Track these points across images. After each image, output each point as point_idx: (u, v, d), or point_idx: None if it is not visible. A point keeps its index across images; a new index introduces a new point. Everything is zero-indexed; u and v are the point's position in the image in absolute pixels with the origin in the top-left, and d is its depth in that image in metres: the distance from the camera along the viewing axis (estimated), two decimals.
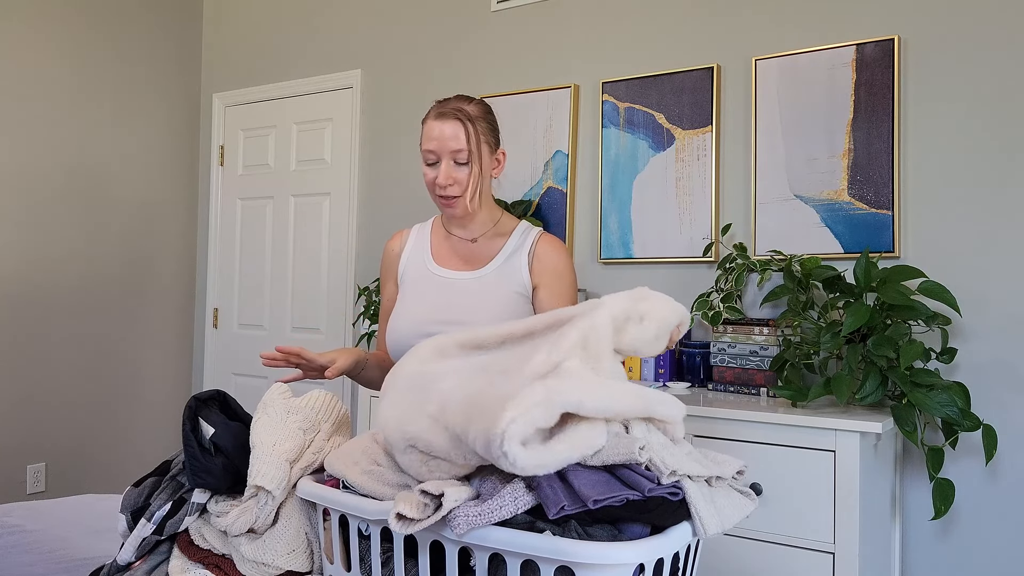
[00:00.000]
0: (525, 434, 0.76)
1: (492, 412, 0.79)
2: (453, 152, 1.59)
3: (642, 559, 0.80)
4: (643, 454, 0.84)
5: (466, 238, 1.71)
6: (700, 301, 2.45)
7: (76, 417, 3.58)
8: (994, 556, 2.24)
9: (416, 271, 1.71)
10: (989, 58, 2.31)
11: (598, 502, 0.79)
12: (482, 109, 1.65)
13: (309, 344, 3.66)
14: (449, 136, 1.59)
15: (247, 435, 1.18)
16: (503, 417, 0.76)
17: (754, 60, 2.63)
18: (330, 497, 0.99)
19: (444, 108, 1.62)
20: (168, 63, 3.97)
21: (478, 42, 3.27)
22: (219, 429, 1.16)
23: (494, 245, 1.68)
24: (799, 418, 2.00)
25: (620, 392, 0.84)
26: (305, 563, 1.10)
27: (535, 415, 0.77)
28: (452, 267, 1.68)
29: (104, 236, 3.68)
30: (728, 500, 0.93)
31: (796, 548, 2.00)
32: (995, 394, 2.25)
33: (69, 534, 1.82)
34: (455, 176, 1.60)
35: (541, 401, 0.77)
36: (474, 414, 0.83)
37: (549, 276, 1.65)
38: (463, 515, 0.81)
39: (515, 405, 0.77)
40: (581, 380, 0.83)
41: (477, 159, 1.60)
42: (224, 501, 1.15)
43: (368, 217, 3.52)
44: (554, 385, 0.80)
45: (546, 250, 1.66)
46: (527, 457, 0.76)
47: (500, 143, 1.69)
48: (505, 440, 0.75)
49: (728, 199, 2.69)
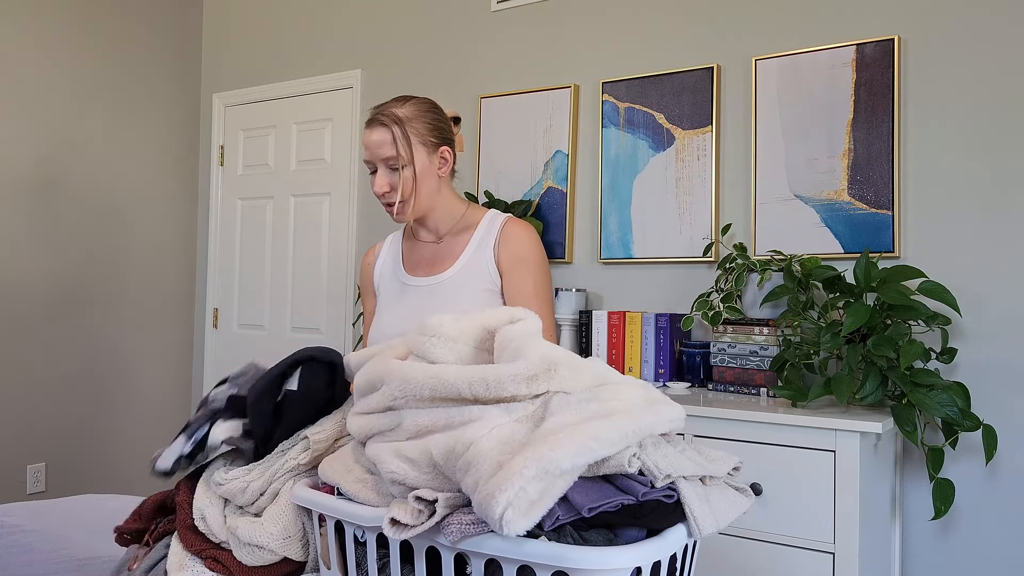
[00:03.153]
0: (522, 510, 0.76)
1: (481, 479, 0.78)
2: (385, 159, 1.56)
3: (638, 563, 0.80)
4: (634, 462, 0.84)
5: (431, 240, 1.68)
6: (700, 301, 2.45)
7: (76, 417, 3.58)
8: (994, 556, 2.24)
9: (389, 282, 1.69)
10: (989, 58, 2.30)
11: (593, 510, 0.79)
12: (418, 108, 1.59)
13: (309, 344, 3.66)
14: (377, 143, 1.55)
15: (319, 405, 1.18)
16: (498, 501, 0.75)
17: (754, 60, 2.63)
18: (325, 503, 0.99)
19: (374, 114, 1.58)
20: (168, 63, 3.97)
21: (478, 42, 3.26)
22: (301, 389, 1.14)
23: (460, 241, 1.63)
24: (799, 418, 2.00)
25: (614, 433, 0.82)
26: (300, 552, 1.10)
27: (529, 493, 0.76)
28: (421, 273, 1.65)
29: (104, 236, 3.69)
30: (723, 498, 0.92)
31: (796, 548, 2.00)
32: (995, 394, 2.25)
33: (69, 534, 1.82)
34: (391, 182, 1.56)
35: (534, 476, 0.76)
36: (460, 465, 0.82)
37: (510, 262, 1.57)
38: (456, 523, 0.81)
39: (506, 486, 0.75)
40: (570, 437, 0.80)
41: (410, 162, 1.56)
42: (236, 469, 1.16)
43: (368, 217, 3.52)
44: (545, 454, 0.77)
45: (510, 234, 1.59)
46: (528, 525, 0.76)
47: (446, 140, 1.62)
48: (505, 525, 0.75)
49: (728, 199, 2.68)
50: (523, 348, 0.90)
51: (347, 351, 3.52)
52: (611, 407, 0.87)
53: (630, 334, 2.62)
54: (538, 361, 0.88)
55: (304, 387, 1.15)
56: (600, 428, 0.82)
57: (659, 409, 0.88)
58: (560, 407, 0.86)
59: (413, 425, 0.92)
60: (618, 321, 2.64)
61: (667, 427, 0.89)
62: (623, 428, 0.83)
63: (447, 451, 0.84)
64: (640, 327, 2.60)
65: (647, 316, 2.60)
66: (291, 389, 1.15)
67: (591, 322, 2.70)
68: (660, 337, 2.58)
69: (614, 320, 2.65)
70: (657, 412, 0.88)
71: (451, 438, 0.85)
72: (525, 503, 0.75)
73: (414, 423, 0.92)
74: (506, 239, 1.59)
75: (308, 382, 1.15)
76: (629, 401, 0.88)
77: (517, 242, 1.59)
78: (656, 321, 2.58)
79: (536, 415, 0.87)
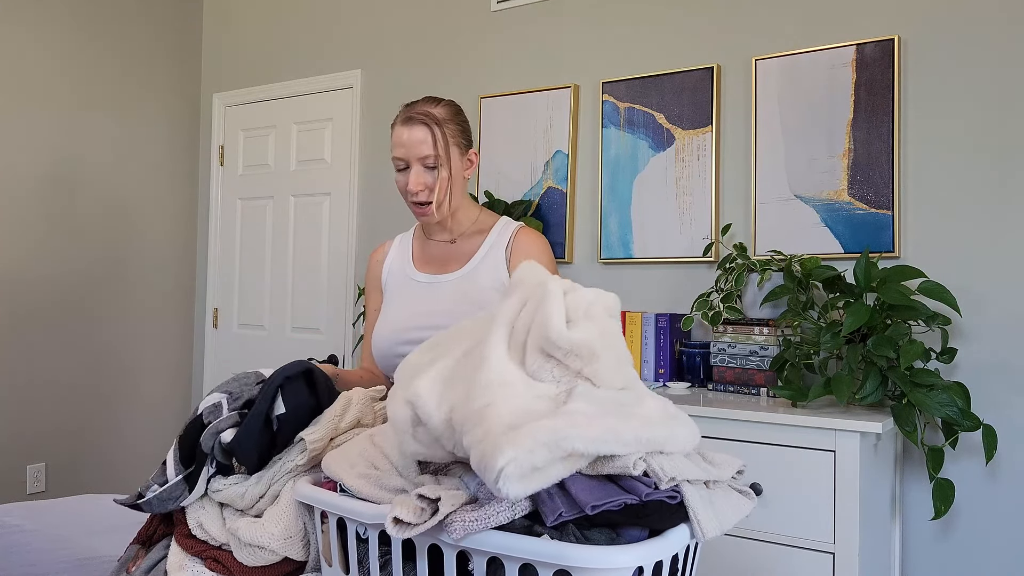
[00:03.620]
0: (522, 473, 0.75)
1: (491, 432, 0.78)
2: (421, 158, 1.57)
3: (640, 562, 0.80)
4: (639, 464, 0.84)
5: (445, 240, 1.70)
6: (700, 301, 2.45)
7: (76, 417, 3.58)
8: (994, 556, 2.24)
9: (398, 279, 1.71)
10: (989, 58, 2.30)
11: (596, 508, 0.79)
12: (451, 111, 1.62)
13: (309, 344, 3.66)
14: (417, 141, 1.56)
15: (309, 417, 1.18)
16: (504, 453, 0.75)
17: (754, 60, 2.63)
18: (327, 500, 0.99)
19: (411, 113, 1.59)
20: (168, 63, 3.97)
21: (478, 42, 3.26)
22: (289, 413, 1.14)
23: (473, 243, 1.67)
24: (799, 418, 2.00)
25: (629, 435, 0.82)
26: (301, 552, 1.10)
27: (536, 457, 0.76)
28: (432, 271, 1.67)
29: (104, 236, 3.68)
30: (727, 501, 0.92)
31: (796, 548, 2.00)
32: (995, 394, 2.25)
33: (69, 534, 1.82)
34: (425, 182, 1.58)
35: (545, 443, 0.76)
36: (469, 415, 0.82)
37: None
38: (459, 520, 0.80)
39: (517, 442, 0.75)
40: (589, 423, 0.80)
41: (446, 163, 1.58)
42: (233, 476, 1.16)
43: (368, 217, 3.52)
44: (562, 428, 0.77)
45: (523, 242, 1.64)
46: (521, 490, 0.76)
47: (472, 143, 1.67)
48: (501, 478, 0.74)
49: (728, 199, 2.69)
50: (582, 323, 0.91)
51: (347, 351, 3.52)
52: (630, 411, 0.87)
53: (630, 334, 2.62)
54: (587, 341, 0.88)
55: (292, 409, 1.16)
56: (618, 426, 0.82)
57: (674, 426, 0.89)
58: (583, 396, 0.86)
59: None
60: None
61: (680, 448, 0.89)
62: (638, 433, 0.83)
63: (465, 395, 0.84)
64: (640, 327, 2.60)
65: (647, 316, 2.60)
66: (280, 414, 1.15)
67: None
68: (660, 337, 2.58)
69: None
70: (672, 429, 0.88)
71: (474, 384, 0.85)
72: (528, 466, 0.75)
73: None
74: (519, 246, 1.64)
75: (294, 403, 1.16)
76: (649, 412, 0.88)
77: (527, 248, 1.63)
78: (656, 321, 2.58)
79: (559, 399, 0.87)
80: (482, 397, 0.83)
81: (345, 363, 3.51)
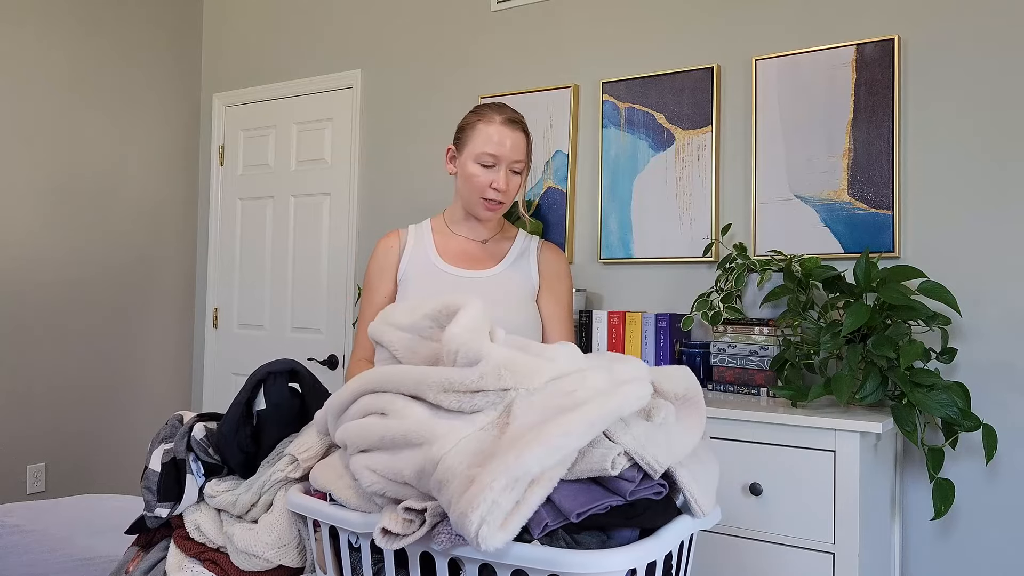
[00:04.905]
0: (497, 524, 0.75)
1: (455, 492, 0.77)
2: (514, 162, 1.66)
3: (632, 564, 0.80)
4: (618, 462, 0.83)
5: (475, 239, 1.77)
6: (700, 301, 2.45)
7: (76, 417, 3.58)
8: (994, 556, 2.23)
9: (420, 268, 1.73)
10: (989, 58, 2.29)
11: (581, 514, 0.79)
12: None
13: (309, 344, 3.66)
14: (516, 146, 1.66)
15: (292, 417, 1.18)
16: (471, 520, 0.74)
17: (754, 60, 2.62)
18: (318, 509, 0.99)
19: (513, 116, 1.69)
20: (168, 63, 3.97)
21: (478, 42, 3.26)
22: (270, 408, 1.15)
23: (502, 247, 1.78)
24: (799, 418, 1.99)
25: (581, 425, 0.81)
26: (296, 559, 1.10)
27: (503, 504, 0.75)
28: (463, 265, 1.73)
29: (104, 236, 3.69)
30: (697, 462, 0.94)
31: (796, 548, 2.00)
32: (995, 394, 2.25)
33: (69, 534, 1.82)
34: (511, 184, 1.68)
35: (505, 486, 0.75)
36: (432, 485, 0.82)
37: (552, 279, 1.78)
38: (446, 532, 0.80)
39: (476, 503, 0.74)
40: (538, 437, 0.78)
41: (527, 172, 1.71)
42: (227, 481, 1.16)
43: (368, 217, 3.52)
44: (512, 461, 0.76)
45: (549, 256, 1.80)
46: (506, 538, 0.75)
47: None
48: (481, 541, 0.74)
49: (728, 199, 2.68)
50: (472, 351, 0.89)
51: (347, 351, 3.53)
52: (577, 398, 0.85)
53: (630, 334, 2.62)
54: (490, 368, 0.87)
55: (272, 404, 1.16)
56: (567, 422, 0.80)
57: (625, 391, 0.87)
58: (523, 409, 0.84)
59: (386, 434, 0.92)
60: (618, 321, 2.64)
61: (635, 407, 0.88)
62: (590, 417, 0.82)
63: (418, 471, 0.83)
64: (640, 327, 2.60)
65: (647, 316, 2.59)
66: (261, 409, 1.15)
67: (591, 322, 2.70)
68: (660, 337, 2.58)
69: (614, 320, 2.65)
70: (623, 395, 0.86)
71: (420, 456, 0.83)
72: (499, 516, 0.75)
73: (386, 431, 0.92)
74: (547, 258, 1.80)
75: (274, 398, 1.16)
76: (594, 388, 0.87)
77: (558, 262, 1.81)
78: (656, 321, 2.58)
79: (500, 421, 0.85)
80: (432, 456, 0.82)
81: (345, 363, 3.51)
